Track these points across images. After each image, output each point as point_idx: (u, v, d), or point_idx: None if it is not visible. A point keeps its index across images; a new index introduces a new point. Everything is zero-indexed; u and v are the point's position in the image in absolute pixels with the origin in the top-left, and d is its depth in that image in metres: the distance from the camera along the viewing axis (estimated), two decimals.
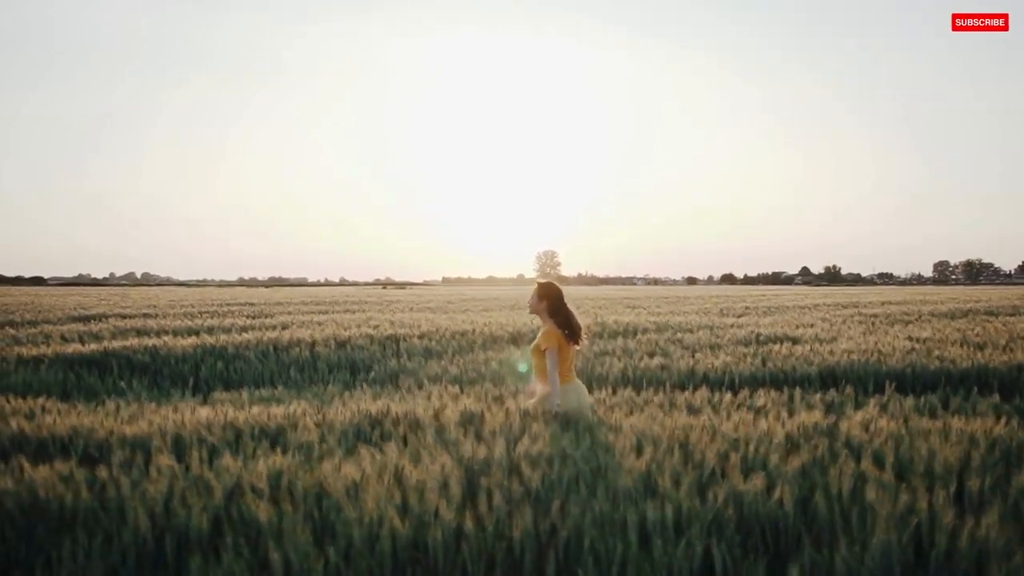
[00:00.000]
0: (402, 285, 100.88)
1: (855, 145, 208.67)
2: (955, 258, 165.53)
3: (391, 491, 3.21)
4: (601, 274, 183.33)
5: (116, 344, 10.58)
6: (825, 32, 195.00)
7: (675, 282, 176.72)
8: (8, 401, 6.54)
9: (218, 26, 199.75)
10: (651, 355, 9.22)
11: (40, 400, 6.43)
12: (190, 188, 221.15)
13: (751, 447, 3.89)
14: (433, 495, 3.13)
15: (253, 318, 17.34)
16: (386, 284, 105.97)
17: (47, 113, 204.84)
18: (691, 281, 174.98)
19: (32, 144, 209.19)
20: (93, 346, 10.63)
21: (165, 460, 3.77)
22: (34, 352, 10.32)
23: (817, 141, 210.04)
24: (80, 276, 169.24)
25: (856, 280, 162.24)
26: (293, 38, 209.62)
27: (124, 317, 17.72)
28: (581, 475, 3.46)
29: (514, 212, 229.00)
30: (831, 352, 9.06)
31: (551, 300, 4.96)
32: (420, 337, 11.49)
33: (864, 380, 7.67)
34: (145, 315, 18.58)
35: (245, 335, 11.69)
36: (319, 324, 14.63)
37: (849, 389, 6.69)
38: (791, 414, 5.20)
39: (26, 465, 3.74)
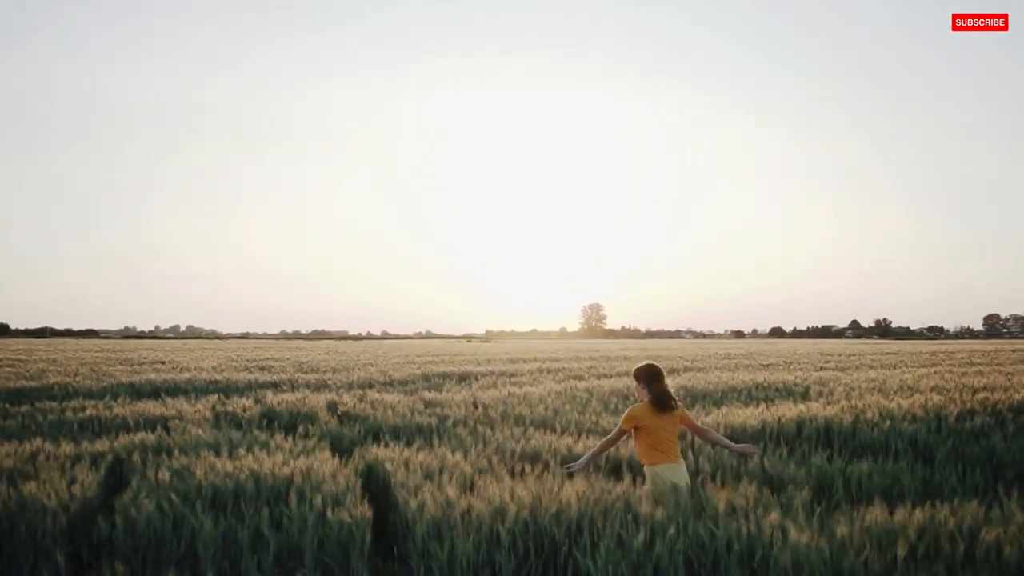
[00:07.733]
0: (486, 338, 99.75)
1: (894, 196, 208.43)
2: (1004, 311, 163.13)
3: None
4: (643, 327, 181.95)
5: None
6: (854, 76, 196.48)
7: (720, 335, 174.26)
8: None
9: (227, 86, 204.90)
10: None
11: None
12: (215, 244, 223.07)
13: None
14: None
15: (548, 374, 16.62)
16: (470, 338, 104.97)
17: (66, 173, 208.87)
18: (738, 335, 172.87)
19: (61, 205, 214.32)
20: None
21: None
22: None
23: (856, 192, 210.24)
24: (127, 329, 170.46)
25: (907, 334, 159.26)
26: (318, 89, 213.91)
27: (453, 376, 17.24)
28: None
29: (554, 266, 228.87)
30: None
31: (645, 380, 5.10)
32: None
33: None
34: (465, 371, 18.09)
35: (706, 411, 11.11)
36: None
37: None
38: None
39: None
